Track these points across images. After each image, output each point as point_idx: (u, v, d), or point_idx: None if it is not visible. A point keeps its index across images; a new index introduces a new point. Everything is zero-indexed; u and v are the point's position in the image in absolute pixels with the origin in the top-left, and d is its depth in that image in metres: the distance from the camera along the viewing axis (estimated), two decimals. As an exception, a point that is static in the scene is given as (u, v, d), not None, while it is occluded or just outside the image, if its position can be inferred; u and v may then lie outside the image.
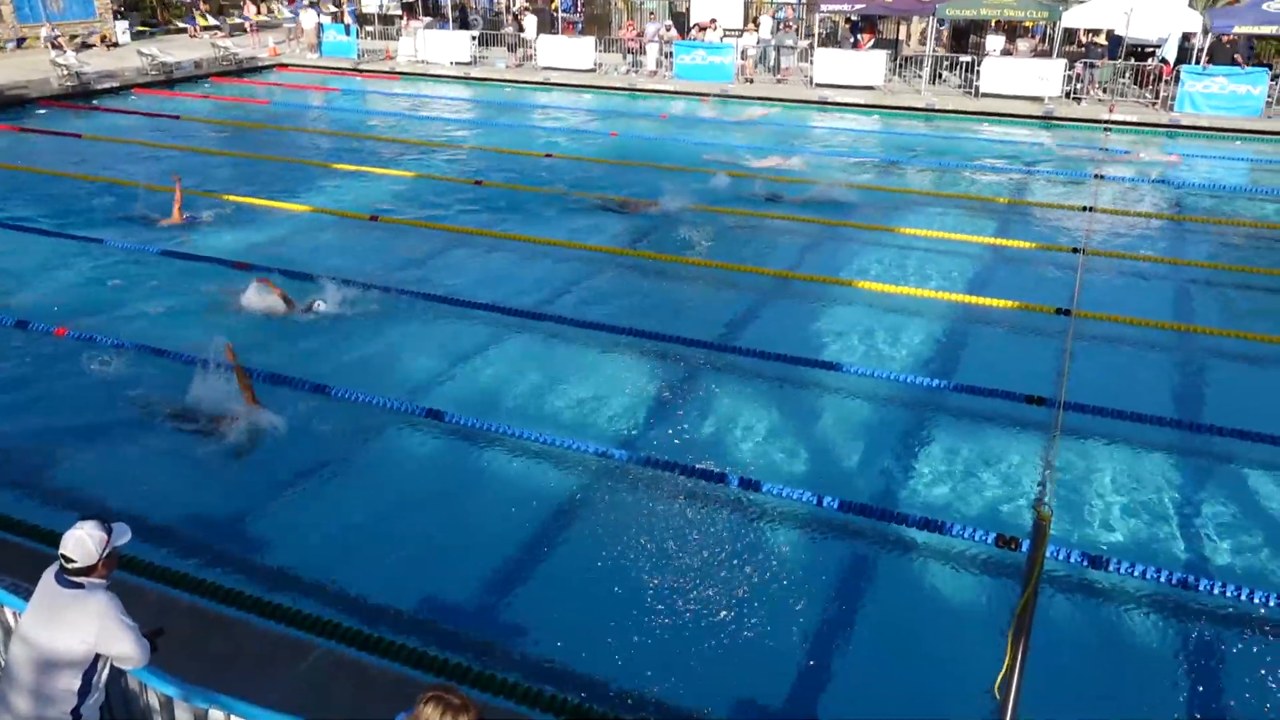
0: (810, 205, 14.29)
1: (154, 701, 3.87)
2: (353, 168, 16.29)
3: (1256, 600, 5.60)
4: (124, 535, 3.73)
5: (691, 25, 27.52)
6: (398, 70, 27.60)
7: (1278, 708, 4.98)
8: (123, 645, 3.58)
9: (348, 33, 28.86)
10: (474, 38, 28.12)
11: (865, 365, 8.88)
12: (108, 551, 3.64)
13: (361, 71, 27.72)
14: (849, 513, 6.50)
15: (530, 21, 28.64)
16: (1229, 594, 5.65)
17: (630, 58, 27.37)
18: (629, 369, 8.83)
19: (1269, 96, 21.15)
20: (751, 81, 25.45)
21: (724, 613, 5.63)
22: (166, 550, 5.99)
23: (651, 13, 31.47)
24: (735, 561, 6.10)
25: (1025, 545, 5.73)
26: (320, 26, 29.17)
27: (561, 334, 9.50)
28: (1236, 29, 21.36)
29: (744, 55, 25.72)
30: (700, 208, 13.98)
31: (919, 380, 8.51)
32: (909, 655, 5.39)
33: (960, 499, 6.84)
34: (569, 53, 26.92)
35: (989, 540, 6.07)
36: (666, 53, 26.11)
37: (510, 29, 28.52)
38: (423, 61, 27.87)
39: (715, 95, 24.60)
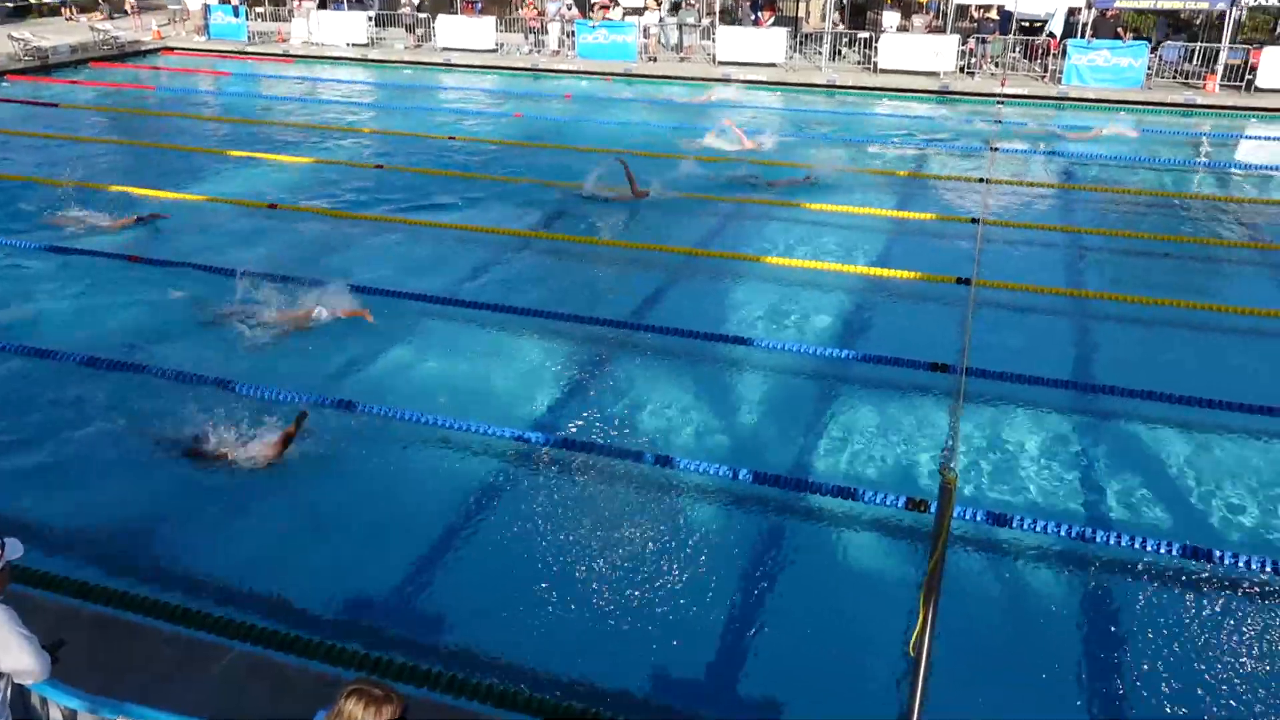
0: (718, 184, 14.37)
1: (58, 716, 3.71)
2: (247, 154, 15.76)
3: (1149, 548, 5.88)
4: (16, 551, 3.56)
5: (593, 4, 27.34)
6: (291, 53, 26.75)
7: (1171, 646, 5.23)
8: (20, 659, 3.42)
9: (236, 14, 27.79)
10: (370, 18, 27.43)
11: (776, 339, 9.01)
12: (0, 566, 3.48)
13: (252, 54, 26.78)
14: (764, 484, 6.60)
15: (426, -1, 27.96)
16: (1124, 543, 5.92)
17: (532, 37, 27.09)
18: (540, 352, 8.78)
19: (1149, 68, 22.07)
20: (655, 60, 25.44)
21: (644, 588, 5.67)
22: (66, 559, 5.73)
23: (552, -9, 31.13)
24: (654, 537, 6.14)
25: (934, 508, 5.90)
26: (207, 8, 28.03)
27: (474, 319, 9.38)
28: (1117, 4, 22.20)
29: (646, 34, 25.68)
30: (608, 189, 13.93)
31: (828, 352, 8.67)
32: (828, 620, 5.51)
33: (871, 466, 7.01)
34: (469, 33, 26.48)
35: (900, 504, 6.23)
36: (569, 32, 25.91)
37: (408, 9, 27.86)
38: (317, 44, 27.08)
39: (619, 74, 24.52)
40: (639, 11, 26.86)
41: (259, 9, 30.53)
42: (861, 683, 5.01)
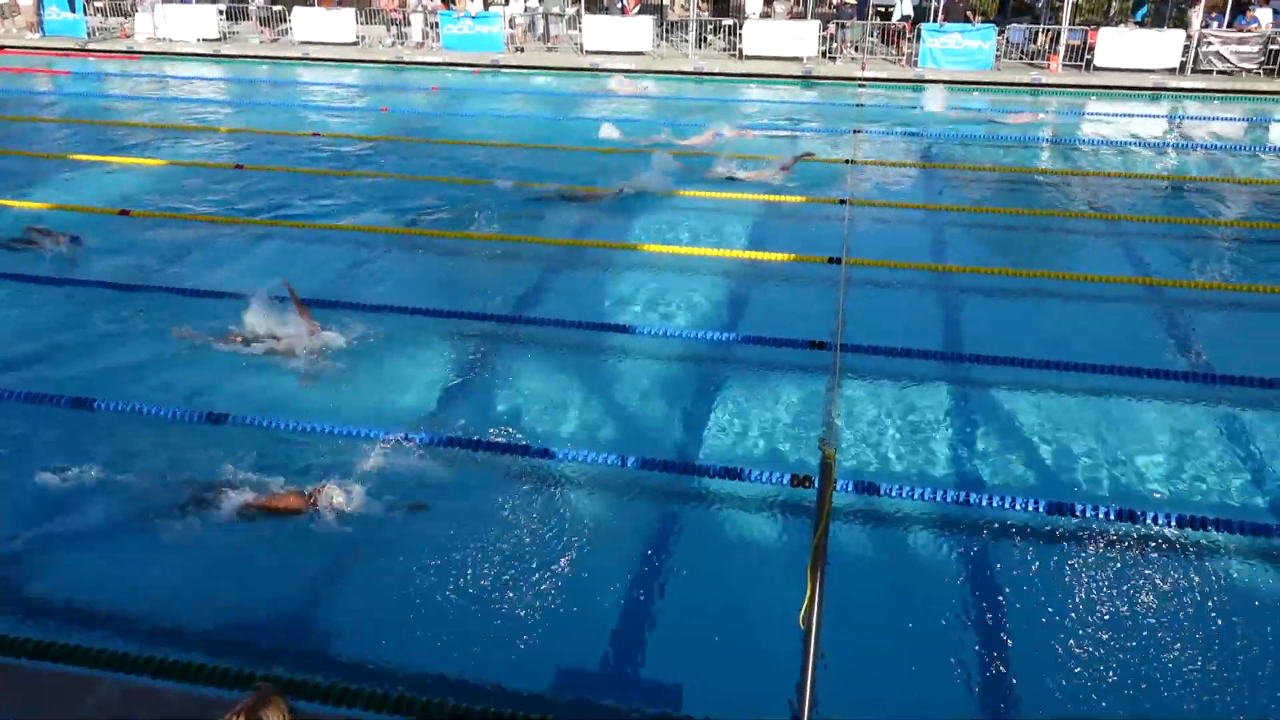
0: (591, 174, 14.35)
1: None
2: (94, 158, 14.88)
3: (1019, 507, 6.17)
4: None
5: (456, -6, 26.91)
6: (137, 50, 25.42)
7: (1042, 596, 5.50)
8: None
9: (73, 9, 26.20)
10: (221, 12, 26.28)
11: (656, 325, 9.06)
12: None
13: (94, 52, 25.32)
14: (651, 470, 6.64)
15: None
16: (995, 504, 6.20)
17: (395, 29, 26.45)
18: (416, 349, 8.58)
19: (997, 50, 23.11)
20: (522, 50, 25.23)
21: (533, 581, 5.62)
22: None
23: (413, -18, 30.43)
24: (542, 530, 6.09)
25: (817, 483, 6.04)
26: (40, 3, 26.33)
27: (342, 320, 9.10)
28: (965, -12, 23.14)
29: (512, 24, 25.43)
30: (481, 182, 13.75)
31: (709, 335, 8.78)
32: (722, 599, 5.58)
33: (756, 445, 7.12)
34: (328, 26, 25.69)
35: (785, 481, 6.36)
36: (432, 23, 25.42)
37: (261, 1, 26.81)
38: (165, 39, 25.80)
39: (486, 65, 24.22)
40: (505, 1, 26.56)
41: (98, 3, 28.84)
42: (756, 658, 5.10)
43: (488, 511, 6.28)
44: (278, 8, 26.69)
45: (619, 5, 26.37)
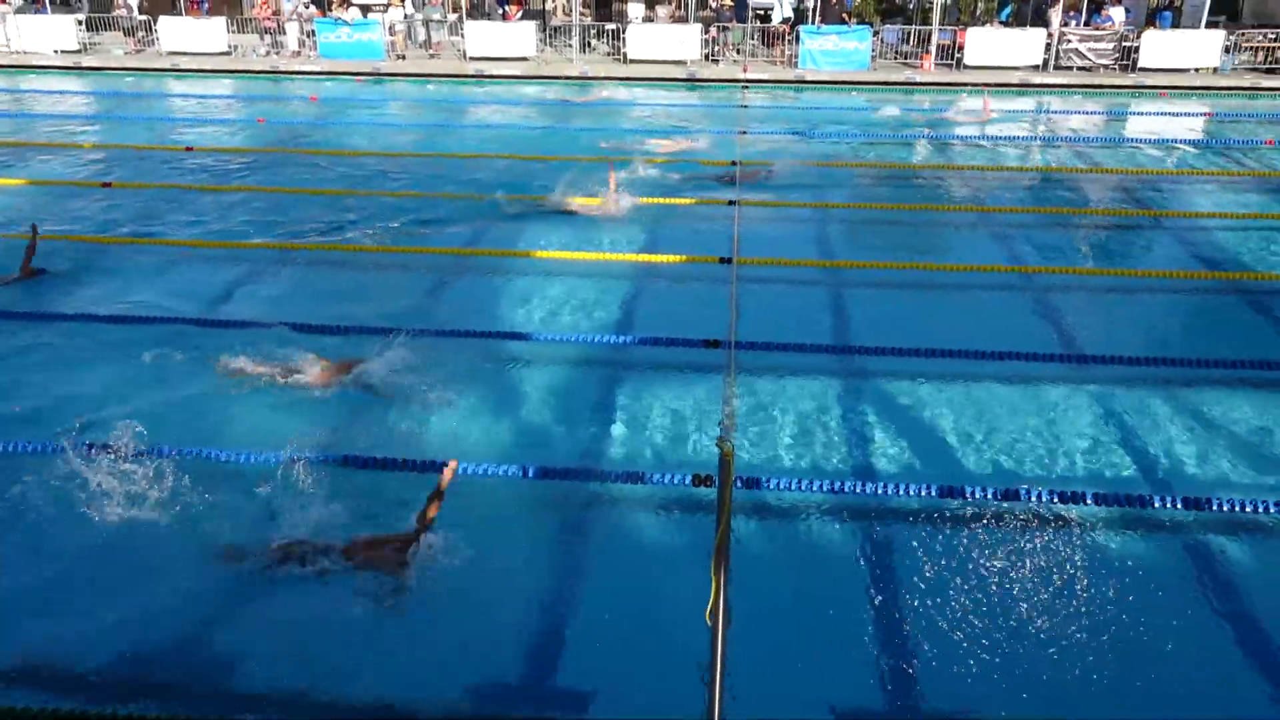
0: (481, 182, 14.21)
1: None
2: (-55, 179, 14.01)
3: (912, 493, 6.36)
4: None
5: (331, 1, 26.28)
6: (-12, 63, 24.04)
7: (943, 581, 5.67)
8: None
9: (-85, 22, 24.65)
10: (80, 21, 25.05)
11: (550, 331, 9.02)
12: None
13: (-60, 67, 23.84)
14: (551, 478, 6.59)
15: (134, -2, 25.76)
16: (889, 491, 6.38)
17: (269, 38, 25.69)
18: (304, 364, 8.33)
19: (873, 50, 23.83)
20: (404, 58, 24.83)
21: (437, 599, 5.52)
22: None
23: (286, -11, 29.63)
24: (441, 548, 5.99)
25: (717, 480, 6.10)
26: (-124, 16, 24.69)
27: (225, 339, 8.78)
28: (840, -9, 23.79)
29: (392, 31, 25.00)
30: (365, 193, 13.48)
31: (603, 339, 8.79)
32: (630, 602, 5.57)
33: (657, 447, 7.15)
34: (198, 35, 24.79)
35: (686, 482, 6.40)
36: (308, 31, 24.78)
37: (124, 11, 25.67)
38: (18, 52, 24.44)
39: (368, 74, 23.74)
40: (383, 8, 26.08)
41: (-58, 15, 27.14)
42: (666, 658, 5.11)
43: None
44: (142, 17, 25.60)
45: (500, 11, 26.21)
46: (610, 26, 25.52)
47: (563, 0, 29.97)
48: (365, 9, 25.30)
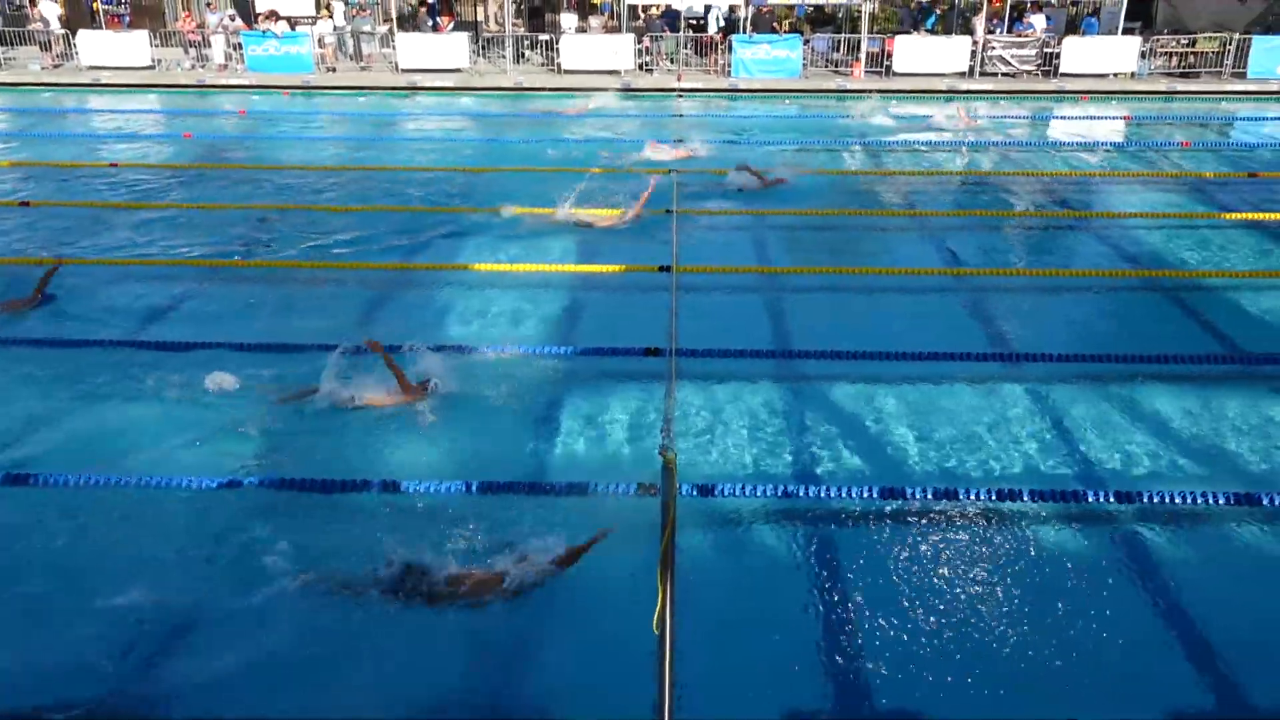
0: (415, 195, 14.07)
1: None
2: None
3: (854, 495, 6.43)
4: None
5: (257, 14, 25.86)
6: (-107, 81, 23.15)
7: (888, 581, 5.73)
8: None
9: None
10: (-8, 37, 24.29)
11: (492, 343, 8.93)
12: None
13: None
14: (496, 493, 6.53)
15: (50, 10, 25.00)
16: (833, 494, 6.44)
17: (194, 51, 25.16)
18: (235, 387, 8.14)
19: (805, 59, 24.15)
20: (334, 70, 24.50)
21: (389, 617, 5.42)
22: None
23: (209, 3, 29.11)
24: (381, 569, 5.88)
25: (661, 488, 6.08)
26: None
27: (154, 360, 8.54)
28: (771, 0, 24.09)
29: (321, 43, 24.66)
30: (300, 206, 13.25)
31: (547, 350, 8.73)
32: (579, 613, 5.53)
33: (601, 457, 7.12)
34: (120, 49, 24.18)
35: (632, 491, 6.38)
36: (235, 45, 24.32)
37: (39, 25, 24.93)
38: (-71, 68, 23.60)
39: (297, 87, 23.38)
40: (311, 20, 25.70)
41: None
42: (615, 669, 5.08)
43: (330, 560, 6.01)
44: (61, 31, 24.87)
45: (431, 23, 26.02)
46: (544, 37, 25.48)
47: (495, 11, 29.85)
48: (293, 21, 24.91)
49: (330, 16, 26.22)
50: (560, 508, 6.44)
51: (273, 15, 24.49)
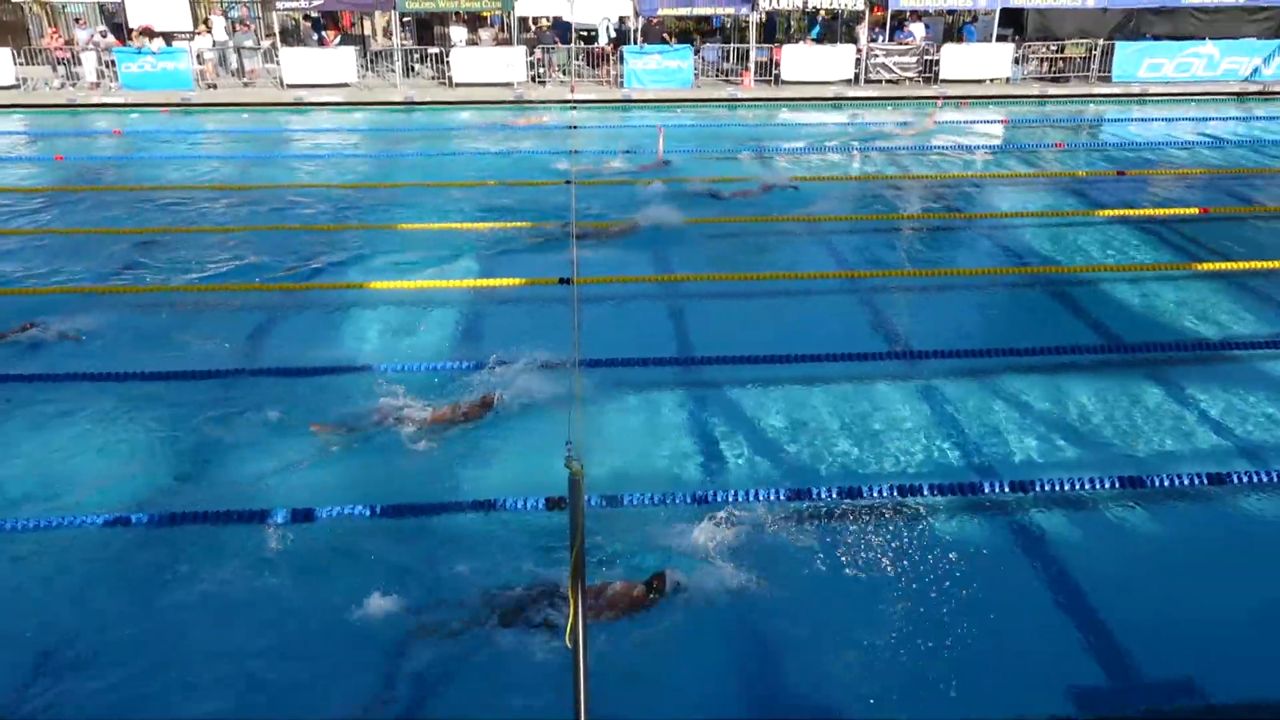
0: (308, 213, 13.71)
1: None
2: None
3: (762, 497, 6.48)
4: None
5: (131, 30, 24.85)
6: None
7: (796, 583, 5.78)
8: None
9: None
10: None
11: (394, 361, 8.74)
12: None
13: None
14: (401, 515, 6.38)
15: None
16: (741, 497, 6.48)
17: (63, 69, 24.01)
18: (127, 417, 7.78)
19: (696, 69, 24.44)
20: (215, 87, 23.71)
21: (294, 644, 5.23)
22: None
23: (78, 18, 27.83)
24: (290, 588, 5.69)
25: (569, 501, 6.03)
26: None
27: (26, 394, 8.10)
28: (660, 11, 24.31)
29: (201, 59, 23.84)
30: (184, 229, 12.76)
31: (447, 366, 8.59)
32: (491, 633, 5.43)
33: (509, 472, 7.02)
34: (-21, 68, 22.91)
35: (540, 506, 6.31)
36: (108, 62, 23.32)
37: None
38: None
39: (177, 105, 22.55)
40: (189, 36, 24.80)
41: None
42: (529, 683, 5.01)
43: (244, 591, 5.78)
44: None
45: (315, 37, 25.43)
46: (433, 50, 25.17)
47: (383, 25, 29.36)
48: (169, 37, 24.01)
49: (210, 32, 25.37)
50: (469, 526, 6.33)
51: (147, 31, 23.55)
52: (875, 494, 6.58)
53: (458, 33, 25.65)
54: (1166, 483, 6.64)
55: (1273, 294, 10.46)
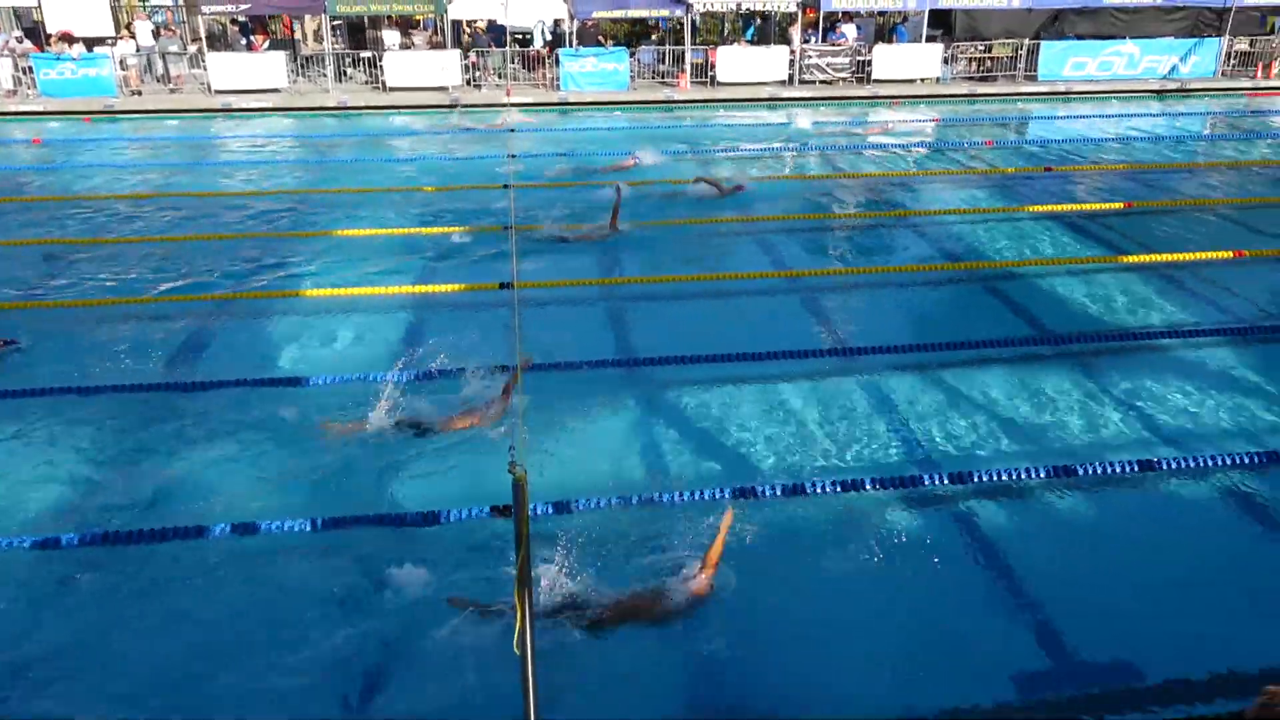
0: (238, 220, 13.43)
1: None
2: None
3: (706, 497, 6.51)
4: None
5: (49, 35, 24.11)
6: None
7: (745, 581, 5.79)
8: None
9: None
10: None
11: (331, 373, 8.60)
12: None
13: None
14: (344, 528, 6.27)
15: None
16: (685, 498, 6.50)
17: (-23, 77, 23.23)
18: (41, 435, 7.55)
19: (632, 71, 24.49)
20: (139, 94, 23.11)
21: (234, 664, 5.12)
22: None
23: (-8, 24, 26.90)
24: (242, 603, 5.57)
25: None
26: None
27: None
28: (595, 14, 24.31)
29: (124, 65, 23.22)
30: (110, 240, 12.42)
31: (386, 376, 8.47)
32: (442, 643, 5.36)
33: (453, 481, 6.95)
34: (-113, 76, 22.03)
35: (485, 514, 6.26)
36: (24, 68, 22.60)
37: None
38: None
39: (99, 112, 21.94)
40: (112, 42, 24.13)
41: None
42: (484, 693, 4.97)
43: (177, 604, 5.63)
44: None
45: (244, 41, 24.94)
46: (365, 55, 24.84)
47: (313, 28, 28.86)
48: (90, 43, 23.33)
49: (134, 37, 24.71)
50: (415, 538, 6.25)
51: (66, 37, 22.86)
52: (818, 490, 6.65)
53: (391, 36, 25.36)
54: (1097, 470, 6.83)
55: (1194, 285, 10.82)
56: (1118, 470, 6.84)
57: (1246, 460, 7.01)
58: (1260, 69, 25.97)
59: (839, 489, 6.66)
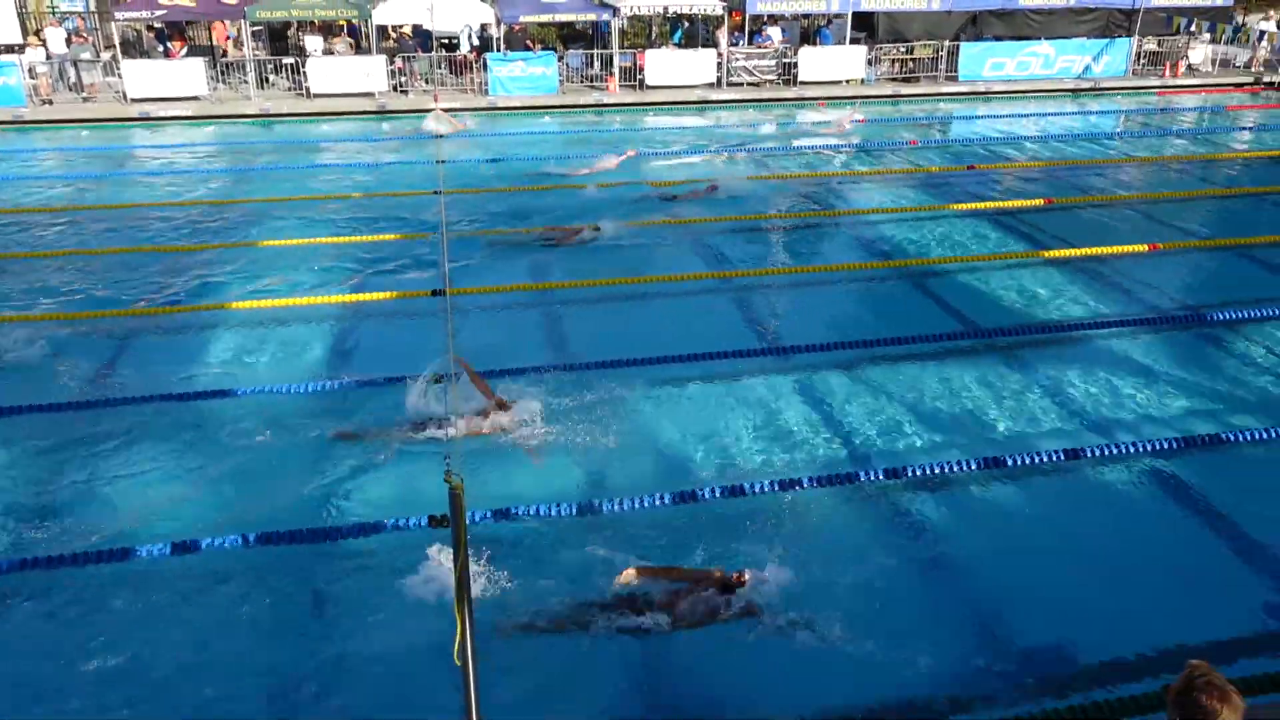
0: (159, 233, 13.06)
1: None
2: None
3: (648, 504, 6.50)
4: None
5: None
6: None
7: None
8: None
9: None
10: None
11: (258, 384, 8.40)
12: None
13: None
14: (279, 543, 6.14)
15: None
16: (626, 506, 6.49)
17: (-125, 87, 22.17)
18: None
19: (561, 75, 24.42)
20: (50, 103, 22.32)
21: (165, 684, 4.96)
22: None
23: (-109, 31, 25.70)
24: (173, 629, 5.40)
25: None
26: None
27: None
28: (522, 18, 24.17)
29: (33, 74, 22.41)
30: (19, 254, 11.97)
31: (318, 386, 8.31)
32: (377, 657, 5.28)
33: (388, 493, 6.84)
34: None
35: (423, 524, 6.17)
36: (-74, 78, 21.66)
37: None
38: None
39: (7, 122, 21.17)
40: (19, 49, 23.23)
41: None
42: (422, 707, 4.90)
43: (100, 624, 5.44)
44: None
45: (160, 48, 24.25)
46: (288, 61, 24.33)
47: (233, 33, 28.16)
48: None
49: (44, 44, 23.83)
50: (353, 550, 6.14)
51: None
52: (756, 490, 6.69)
53: (313, 42, 24.88)
54: (1026, 460, 7.00)
55: (1112, 277, 11.16)
56: (1045, 459, 7.02)
57: (1166, 445, 7.25)
58: (1168, 68, 26.93)
59: (777, 488, 6.71)
